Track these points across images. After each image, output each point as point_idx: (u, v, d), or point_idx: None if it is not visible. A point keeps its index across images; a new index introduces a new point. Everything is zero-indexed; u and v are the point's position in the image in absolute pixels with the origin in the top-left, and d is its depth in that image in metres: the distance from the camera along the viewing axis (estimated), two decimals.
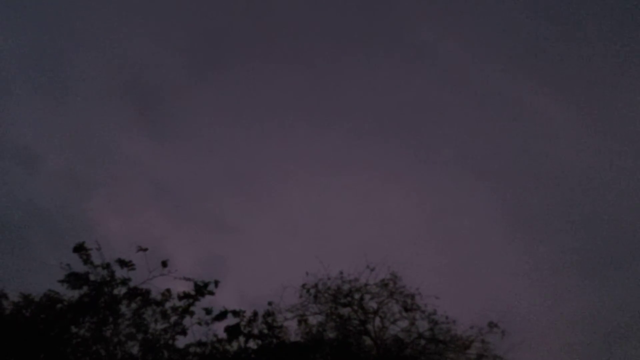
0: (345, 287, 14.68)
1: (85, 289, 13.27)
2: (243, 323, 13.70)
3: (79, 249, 13.37)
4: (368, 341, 14.10)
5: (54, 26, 31.28)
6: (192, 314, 13.57)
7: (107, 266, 13.44)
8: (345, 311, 14.39)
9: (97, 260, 13.54)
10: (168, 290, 13.74)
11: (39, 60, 30.26)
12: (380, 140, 32.71)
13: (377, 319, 14.25)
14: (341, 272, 14.95)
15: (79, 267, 13.50)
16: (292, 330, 14.30)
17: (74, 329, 12.76)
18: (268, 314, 14.10)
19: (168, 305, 13.64)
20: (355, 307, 14.32)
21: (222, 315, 13.73)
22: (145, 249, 13.65)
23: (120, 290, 13.45)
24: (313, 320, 14.41)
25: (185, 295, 13.68)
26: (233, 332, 13.55)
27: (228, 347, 13.38)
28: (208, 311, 13.71)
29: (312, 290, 14.68)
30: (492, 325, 13.74)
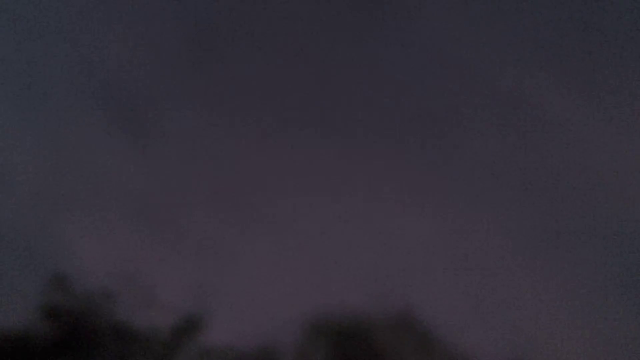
0: (352, 322, 14.64)
1: (64, 323, 13.32)
2: None
3: (57, 278, 13.44)
4: None
5: (25, 32, 31.44)
6: (182, 352, 13.58)
7: (88, 298, 13.50)
8: (350, 349, 14.34)
9: (77, 291, 13.63)
10: (155, 325, 13.78)
11: (9, 70, 30.34)
12: (387, 156, 32.44)
13: (388, 358, 14.20)
14: (346, 304, 14.93)
15: (58, 298, 13.58)
16: None
17: None
18: (266, 352, 14.08)
19: (156, 341, 13.67)
20: (363, 344, 14.27)
21: (215, 352, 13.74)
22: (130, 278, 13.73)
23: (104, 325, 13.49)
24: (315, 359, 14.38)
25: (174, 331, 13.71)
26: None
27: None
28: (200, 349, 13.72)
29: (315, 327, 14.64)
30: None
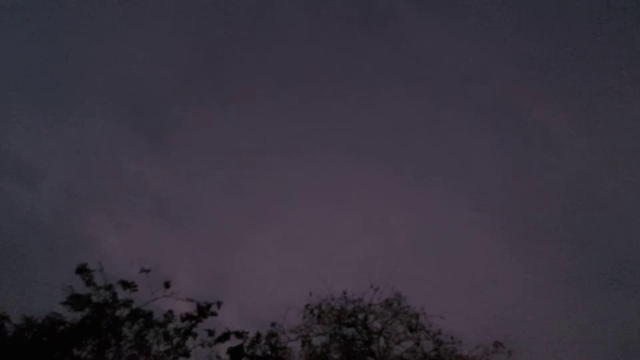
0: (349, 307, 15.84)
1: (87, 310, 14.54)
2: (246, 344, 14.84)
3: (82, 270, 14.64)
4: None
5: (54, 40, 32.99)
6: (194, 335, 14.75)
7: (109, 287, 14.68)
8: (349, 332, 15.54)
9: (99, 281, 14.81)
10: (170, 312, 14.97)
11: (39, 75, 32.00)
12: (381, 155, 34.30)
13: (382, 340, 15.37)
14: (345, 292, 16.14)
15: (81, 288, 14.78)
16: (296, 352, 15.44)
17: (76, 352, 13.61)
18: (271, 334, 15.25)
19: (170, 326, 14.87)
20: (360, 328, 15.48)
21: (225, 337, 14.88)
22: (148, 270, 14.93)
23: (123, 312, 14.69)
24: (317, 341, 15.52)
25: (187, 317, 14.93)
26: (236, 353, 14.32)
27: None
28: (211, 332, 14.89)
29: (316, 311, 15.84)
30: (497, 344, 14.90)
